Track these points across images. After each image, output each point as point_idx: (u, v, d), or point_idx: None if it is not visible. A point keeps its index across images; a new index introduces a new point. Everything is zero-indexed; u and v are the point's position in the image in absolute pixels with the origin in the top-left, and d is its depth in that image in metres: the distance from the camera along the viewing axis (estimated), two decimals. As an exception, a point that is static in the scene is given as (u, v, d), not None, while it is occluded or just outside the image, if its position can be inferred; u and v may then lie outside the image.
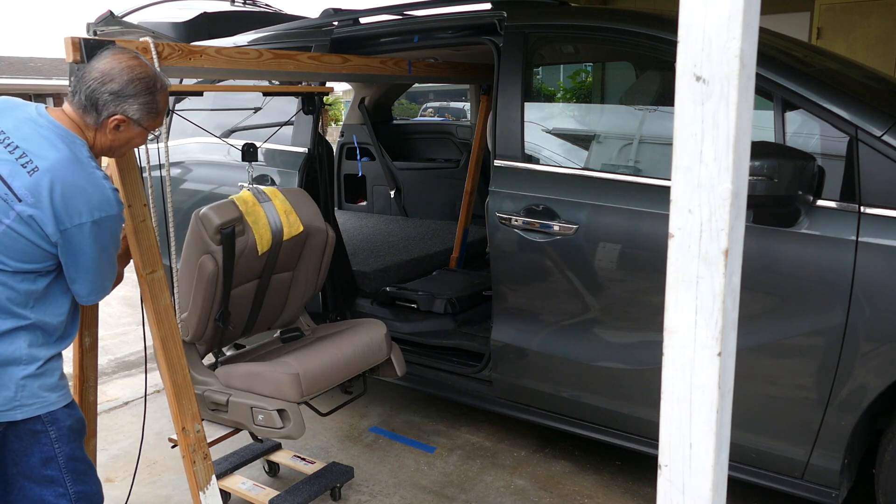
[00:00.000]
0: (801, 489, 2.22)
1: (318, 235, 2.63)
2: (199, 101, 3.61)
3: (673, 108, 1.10)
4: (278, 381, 2.30)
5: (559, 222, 2.54)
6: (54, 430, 1.79)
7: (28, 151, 1.67)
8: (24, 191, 1.65)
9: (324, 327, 2.86)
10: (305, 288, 2.73)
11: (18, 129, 1.71)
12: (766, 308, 2.17)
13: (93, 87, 1.77)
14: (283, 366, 2.35)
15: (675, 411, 1.18)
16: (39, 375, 1.73)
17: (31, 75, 24.38)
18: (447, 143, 5.33)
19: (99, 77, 1.77)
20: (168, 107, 1.98)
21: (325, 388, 2.45)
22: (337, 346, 2.55)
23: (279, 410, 2.28)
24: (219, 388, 2.40)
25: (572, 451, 3.10)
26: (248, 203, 2.43)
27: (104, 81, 1.77)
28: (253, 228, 2.40)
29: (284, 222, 2.49)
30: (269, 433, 2.32)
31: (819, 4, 6.35)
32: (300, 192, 2.66)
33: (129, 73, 1.80)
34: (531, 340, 2.70)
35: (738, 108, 1.04)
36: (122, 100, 1.78)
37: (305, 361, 2.40)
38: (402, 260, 3.95)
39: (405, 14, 3.43)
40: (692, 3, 1.06)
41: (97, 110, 1.78)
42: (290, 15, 4.69)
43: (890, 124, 2.04)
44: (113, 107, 1.78)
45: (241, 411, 2.34)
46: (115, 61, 1.81)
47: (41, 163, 1.67)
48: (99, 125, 1.80)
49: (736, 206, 1.08)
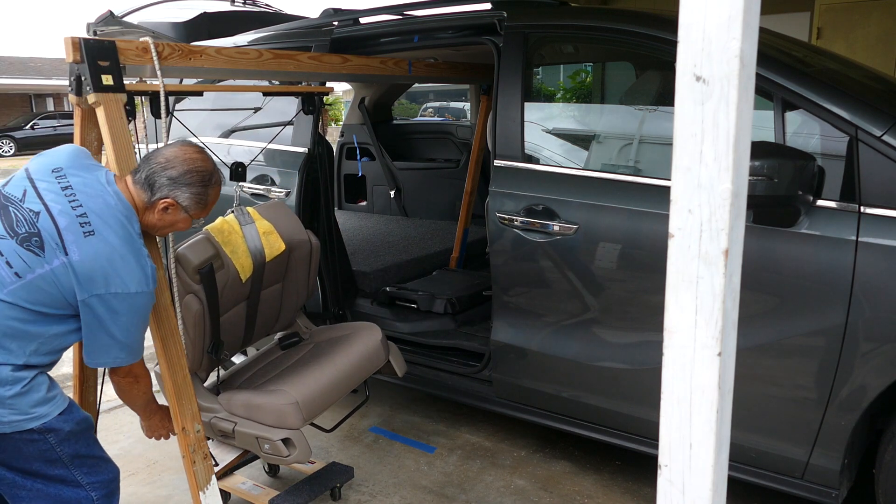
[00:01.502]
0: (801, 489, 2.22)
1: (301, 248, 2.62)
2: (199, 101, 3.61)
3: (673, 108, 1.10)
4: (279, 411, 2.31)
5: (559, 222, 2.54)
6: (53, 436, 1.80)
7: (89, 212, 1.79)
8: (73, 247, 1.74)
9: (321, 330, 2.86)
10: (298, 295, 2.73)
11: (86, 189, 1.83)
12: (766, 308, 2.17)
13: (155, 169, 1.92)
14: (282, 395, 2.34)
15: (675, 411, 1.18)
16: (25, 393, 1.74)
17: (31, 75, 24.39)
18: (447, 143, 5.33)
19: (163, 162, 1.93)
20: (218, 198, 2.09)
21: (325, 407, 2.46)
22: (334, 362, 2.54)
23: (284, 440, 2.30)
24: (224, 415, 2.40)
25: (572, 451, 3.10)
26: (224, 232, 2.40)
27: (166, 167, 1.92)
28: (232, 259, 2.38)
29: (265, 244, 2.47)
30: (276, 461, 2.34)
31: (819, 4, 6.35)
32: (278, 206, 2.64)
33: (190, 164, 1.94)
34: (531, 340, 2.70)
35: (738, 108, 1.04)
36: (176, 186, 1.93)
37: (304, 386, 2.40)
38: (402, 260, 3.95)
39: (405, 14, 3.43)
40: (692, 3, 1.06)
41: (152, 190, 1.92)
42: (290, 15, 4.69)
43: (890, 124, 2.03)
44: (167, 190, 1.92)
45: (247, 440, 2.36)
46: (180, 151, 1.96)
47: (97, 228, 1.78)
48: (150, 204, 1.94)
49: (736, 206, 1.08)
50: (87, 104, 2.13)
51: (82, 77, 2.09)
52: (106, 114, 2.08)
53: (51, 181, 1.81)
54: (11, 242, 1.73)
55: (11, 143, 21.45)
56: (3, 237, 1.74)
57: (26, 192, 1.79)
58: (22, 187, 1.81)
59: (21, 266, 1.72)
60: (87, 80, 2.07)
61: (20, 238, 1.74)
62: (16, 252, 1.73)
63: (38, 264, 1.73)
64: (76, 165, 1.88)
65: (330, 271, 3.33)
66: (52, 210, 1.76)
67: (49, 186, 1.80)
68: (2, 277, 1.72)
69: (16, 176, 1.87)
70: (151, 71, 2.26)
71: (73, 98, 2.16)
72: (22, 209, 1.77)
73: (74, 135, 2.26)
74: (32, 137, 21.69)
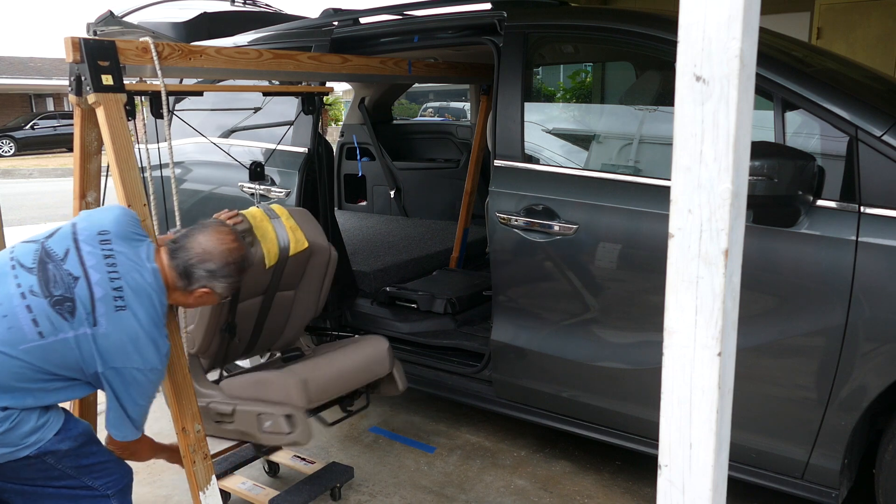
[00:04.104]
0: (801, 489, 2.22)
1: (321, 254, 2.65)
2: (199, 101, 3.61)
3: (673, 108, 1.10)
4: (286, 385, 2.31)
5: (559, 222, 2.54)
6: (50, 458, 1.80)
7: (125, 286, 1.79)
8: (103, 319, 1.75)
9: (323, 347, 2.88)
10: (306, 309, 2.75)
11: (127, 262, 1.84)
12: (766, 308, 2.17)
13: (193, 262, 1.91)
14: (290, 373, 2.36)
15: (675, 411, 1.18)
16: (12, 429, 1.73)
17: (31, 75, 24.39)
18: (447, 143, 5.33)
19: (200, 254, 1.92)
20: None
21: (331, 395, 2.47)
22: (341, 358, 2.56)
23: (287, 416, 2.29)
24: (223, 399, 2.40)
25: (572, 451, 3.10)
26: (256, 218, 2.46)
27: (204, 259, 1.92)
28: (261, 242, 2.42)
29: (291, 238, 2.51)
30: (275, 440, 2.33)
31: (819, 4, 6.35)
32: (304, 212, 2.69)
33: (227, 256, 1.94)
34: (531, 340, 2.70)
35: (738, 108, 1.04)
36: (215, 278, 1.94)
37: (312, 370, 2.42)
38: (402, 260, 3.95)
39: (405, 14, 3.43)
40: (692, 3, 1.06)
41: (190, 281, 1.93)
42: (290, 15, 4.70)
43: (890, 124, 2.03)
44: (205, 282, 1.94)
45: (247, 419, 2.35)
46: (217, 242, 1.94)
47: (129, 304, 1.78)
48: (186, 291, 1.95)
49: (736, 206, 1.08)
50: (87, 104, 2.13)
51: (82, 77, 2.09)
52: (106, 114, 2.08)
53: (94, 246, 1.81)
54: (44, 302, 1.73)
55: (11, 143, 21.43)
56: (37, 295, 1.73)
57: (69, 253, 1.79)
58: (65, 246, 1.80)
59: (48, 328, 1.72)
60: (87, 80, 2.07)
61: (54, 300, 1.73)
62: (45, 313, 1.72)
63: (64, 329, 1.73)
64: (122, 235, 1.88)
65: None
66: (91, 279, 1.76)
67: (92, 251, 1.80)
68: (24, 333, 1.70)
69: (61, 231, 1.86)
70: (151, 71, 2.26)
71: (73, 98, 2.16)
72: (62, 270, 1.76)
73: (74, 135, 2.26)
74: (32, 137, 21.68)
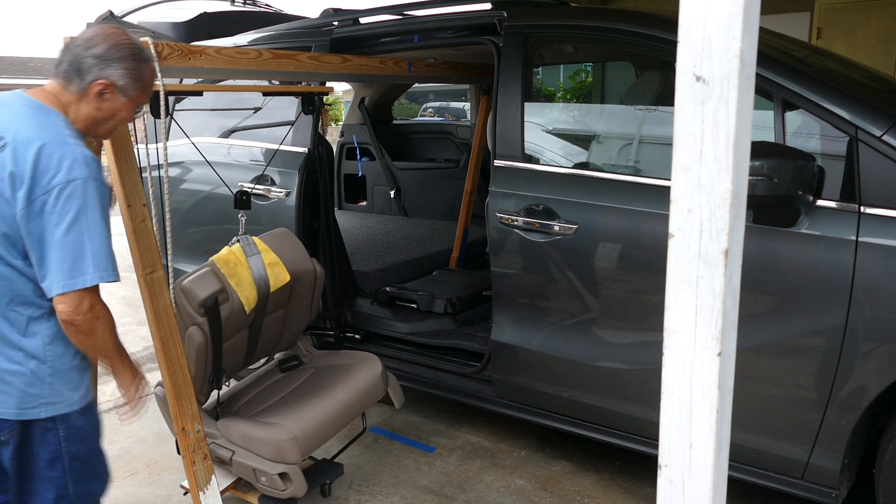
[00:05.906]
0: (801, 489, 2.22)
1: (306, 277, 2.63)
2: (199, 101, 3.61)
3: (673, 108, 1.10)
4: (278, 446, 2.31)
5: (559, 222, 2.54)
6: (63, 428, 1.79)
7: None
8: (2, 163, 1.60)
9: (322, 356, 2.88)
10: (300, 320, 2.75)
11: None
12: (766, 308, 2.17)
13: (77, 52, 1.73)
14: (280, 430, 2.34)
15: (675, 411, 1.18)
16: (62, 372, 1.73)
17: (31, 75, 24.37)
18: (447, 143, 5.33)
19: (83, 43, 1.74)
20: (155, 78, 1.95)
21: (323, 441, 2.47)
22: (333, 395, 2.55)
23: (281, 474, 2.30)
24: (223, 442, 2.40)
25: (572, 451, 3.10)
26: (229, 264, 2.39)
27: (88, 46, 1.73)
28: (237, 291, 2.37)
29: (270, 275, 2.47)
30: (272, 493, 2.34)
31: (819, 4, 6.35)
32: (284, 235, 2.64)
33: (113, 38, 1.76)
34: (531, 340, 2.70)
35: (738, 108, 1.04)
36: (106, 63, 1.73)
37: (302, 420, 2.40)
38: (402, 260, 3.95)
39: (405, 14, 3.43)
40: (692, 3, 1.06)
41: (81, 76, 1.72)
42: (290, 15, 4.69)
43: (890, 124, 2.03)
44: (97, 70, 1.73)
45: (245, 471, 2.36)
46: (99, 30, 1.78)
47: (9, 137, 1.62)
48: (83, 92, 1.74)
49: (736, 206, 1.08)
50: (86, 104, 2.12)
51: (82, 77, 2.08)
52: (106, 114, 2.07)
53: None
54: None
55: (11, 143, 21.38)
56: None
57: None
58: None
59: None
60: (86, 79, 2.06)
61: None
62: None
63: None
64: None
65: (330, 271, 3.33)
66: None
67: None
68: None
69: None
70: (151, 71, 2.25)
71: (73, 98, 2.14)
72: None
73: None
74: (32, 137, 21.64)
